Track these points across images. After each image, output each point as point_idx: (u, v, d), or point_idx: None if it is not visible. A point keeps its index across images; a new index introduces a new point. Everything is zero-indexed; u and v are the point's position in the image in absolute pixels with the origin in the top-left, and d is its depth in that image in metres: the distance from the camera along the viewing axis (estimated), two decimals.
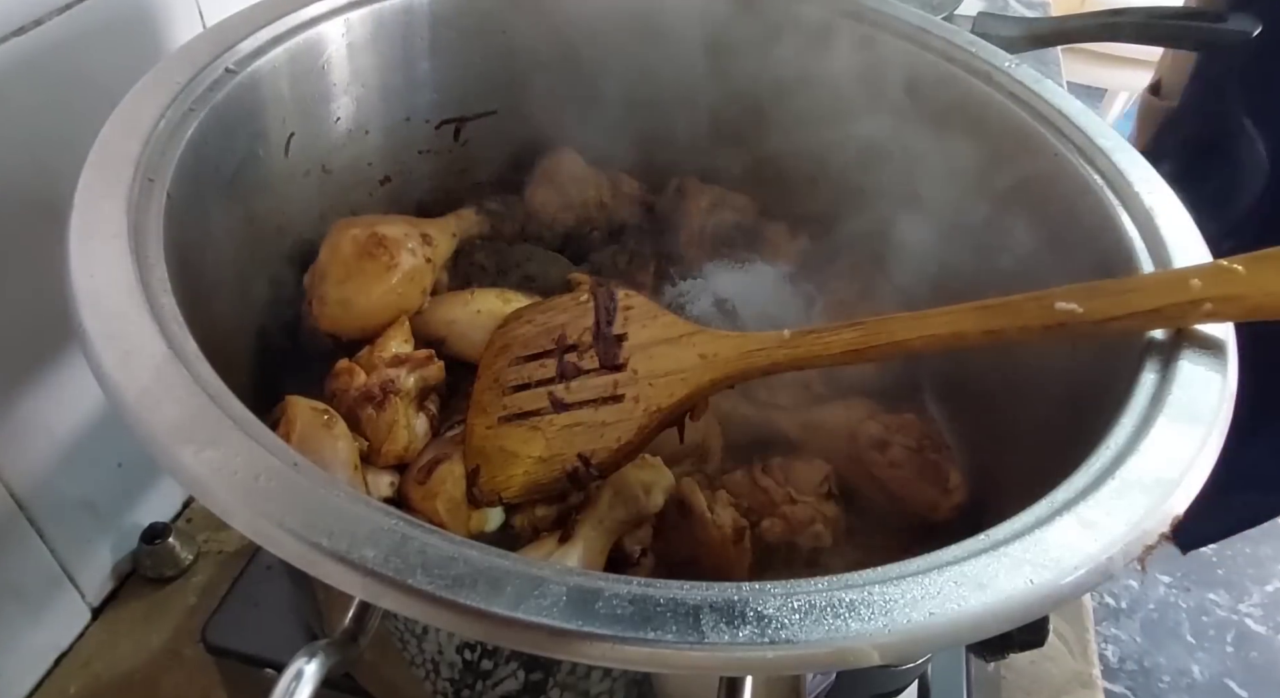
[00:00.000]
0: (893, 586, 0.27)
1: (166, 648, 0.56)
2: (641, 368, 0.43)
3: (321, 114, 0.52)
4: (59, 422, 0.53)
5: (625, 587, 0.26)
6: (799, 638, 0.25)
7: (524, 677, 0.36)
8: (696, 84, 0.61)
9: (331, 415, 0.43)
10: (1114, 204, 0.44)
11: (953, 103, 0.53)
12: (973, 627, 0.26)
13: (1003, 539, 0.29)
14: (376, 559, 0.25)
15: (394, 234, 0.49)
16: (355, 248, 0.48)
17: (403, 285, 0.49)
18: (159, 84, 0.41)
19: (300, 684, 0.27)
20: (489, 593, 0.25)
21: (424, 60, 0.56)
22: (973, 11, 0.90)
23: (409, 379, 0.46)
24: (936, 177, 0.53)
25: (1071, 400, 0.41)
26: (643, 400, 0.42)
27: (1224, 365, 0.35)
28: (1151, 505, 0.30)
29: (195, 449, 0.28)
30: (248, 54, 0.45)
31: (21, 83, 0.45)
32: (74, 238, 0.33)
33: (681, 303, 0.57)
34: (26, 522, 0.51)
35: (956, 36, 0.54)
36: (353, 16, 0.51)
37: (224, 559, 0.61)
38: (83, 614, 0.57)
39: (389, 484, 0.45)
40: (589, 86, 0.61)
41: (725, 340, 0.43)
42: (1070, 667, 0.59)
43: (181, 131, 0.40)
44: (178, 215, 0.37)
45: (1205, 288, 0.35)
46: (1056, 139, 0.48)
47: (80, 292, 0.32)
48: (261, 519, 0.26)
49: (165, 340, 0.31)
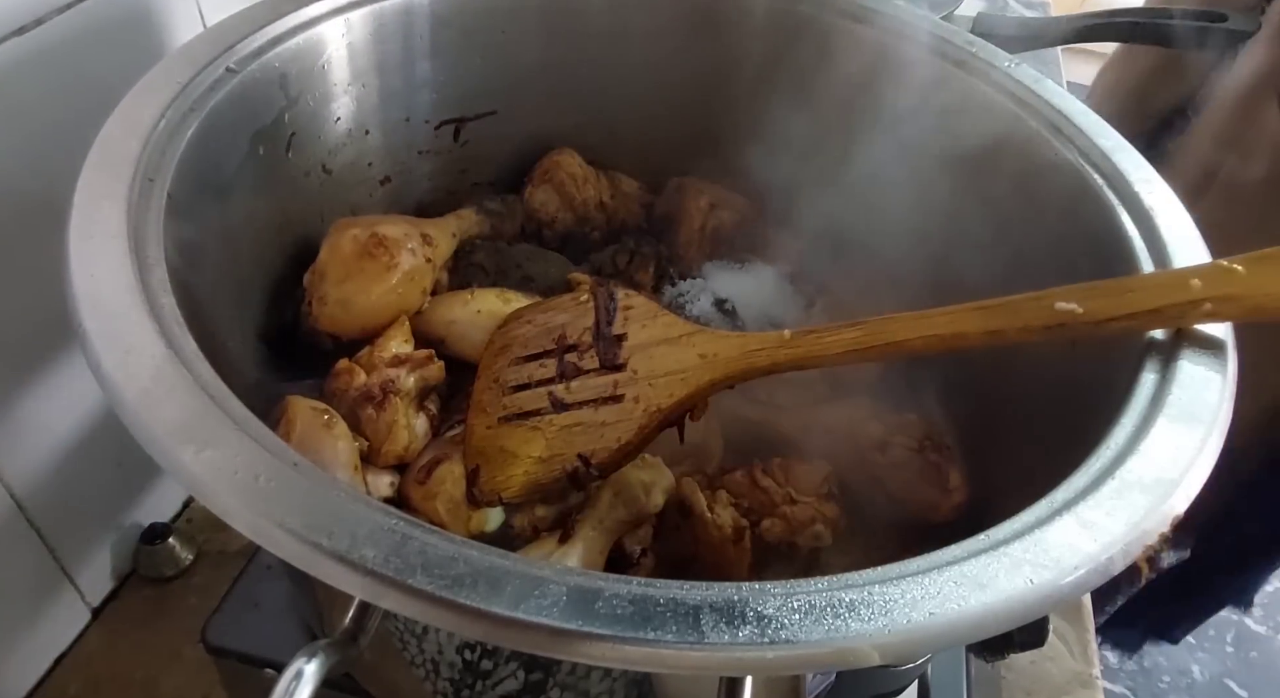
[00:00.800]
0: (893, 586, 0.27)
1: (166, 648, 0.56)
2: (641, 368, 0.43)
3: (321, 114, 0.52)
4: (59, 422, 0.53)
5: (625, 587, 0.26)
6: (799, 638, 0.25)
7: (524, 677, 0.36)
8: (696, 85, 0.61)
9: (331, 415, 0.43)
10: (1114, 204, 0.44)
11: (952, 103, 0.53)
12: (973, 627, 0.26)
13: (1003, 539, 0.29)
14: (376, 559, 0.25)
15: (394, 234, 0.49)
16: (355, 248, 0.48)
17: (403, 285, 0.49)
18: (159, 84, 0.41)
19: (300, 684, 0.27)
20: (489, 593, 0.25)
21: (424, 60, 0.56)
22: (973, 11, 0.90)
23: (409, 379, 0.46)
24: (936, 177, 0.53)
25: (1071, 400, 0.41)
26: (643, 400, 0.42)
27: (1224, 365, 0.35)
28: (1151, 506, 0.30)
29: (195, 449, 0.28)
30: (248, 54, 0.45)
31: (21, 83, 0.45)
32: (74, 238, 0.33)
33: (681, 303, 0.57)
34: (26, 522, 0.51)
35: (956, 36, 0.54)
36: (353, 16, 0.51)
37: (224, 559, 0.61)
38: (83, 614, 0.57)
39: (389, 484, 0.45)
40: (589, 86, 0.61)
41: (725, 340, 0.43)
42: (1070, 667, 0.59)
43: (181, 131, 0.40)
44: (178, 215, 0.37)
45: (1205, 288, 0.35)
46: (1056, 139, 0.48)
47: (80, 292, 0.32)
48: (261, 519, 0.26)
49: (165, 340, 0.31)
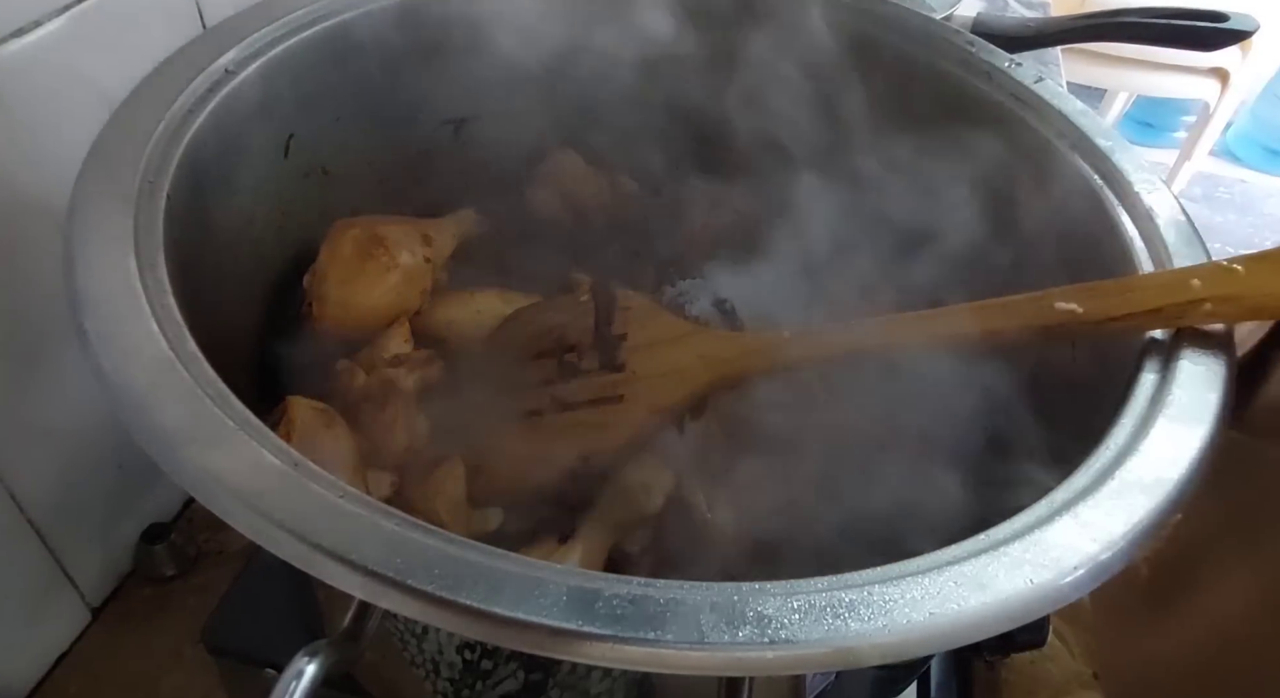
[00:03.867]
0: (893, 586, 0.27)
1: (166, 648, 0.56)
2: (641, 368, 0.43)
3: (321, 114, 0.52)
4: (59, 422, 0.53)
5: (625, 587, 0.26)
6: (799, 638, 0.25)
7: (524, 677, 0.36)
8: (696, 84, 0.61)
9: (331, 415, 0.43)
10: (1114, 204, 0.44)
11: (952, 103, 0.53)
12: (973, 627, 0.26)
13: (1003, 539, 0.29)
14: (376, 559, 0.25)
15: (394, 234, 0.49)
16: (355, 248, 0.48)
17: (403, 285, 0.49)
18: (159, 85, 0.41)
19: (300, 684, 0.27)
20: (489, 593, 0.25)
21: (424, 60, 0.56)
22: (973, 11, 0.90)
23: (409, 379, 0.46)
24: (935, 177, 0.53)
25: (1071, 400, 0.41)
26: (642, 401, 0.42)
27: (1224, 365, 0.35)
28: (1151, 506, 0.30)
29: (195, 450, 0.28)
30: (248, 54, 0.45)
31: (21, 83, 0.45)
32: (74, 238, 0.33)
33: (681, 303, 0.57)
34: (26, 523, 0.51)
35: (956, 37, 0.54)
36: (352, 17, 0.51)
37: (224, 559, 0.61)
38: (83, 614, 0.57)
39: (389, 484, 0.45)
40: (588, 87, 0.61)
41: (725, 340, 0.43)
42: (1070, 667, 0.59)
43: (181, 132, 0.40)
44: (178, 215, 0.37)
45: (1205, 288, 0.35)
46: (1056, 139, 0.48)
47: (80, 292, 0.32)
48: (261, 519, 0.26)
49: (165, 340, 0.31)
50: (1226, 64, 1.88)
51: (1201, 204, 2.58)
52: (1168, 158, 2.24)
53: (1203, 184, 2.63)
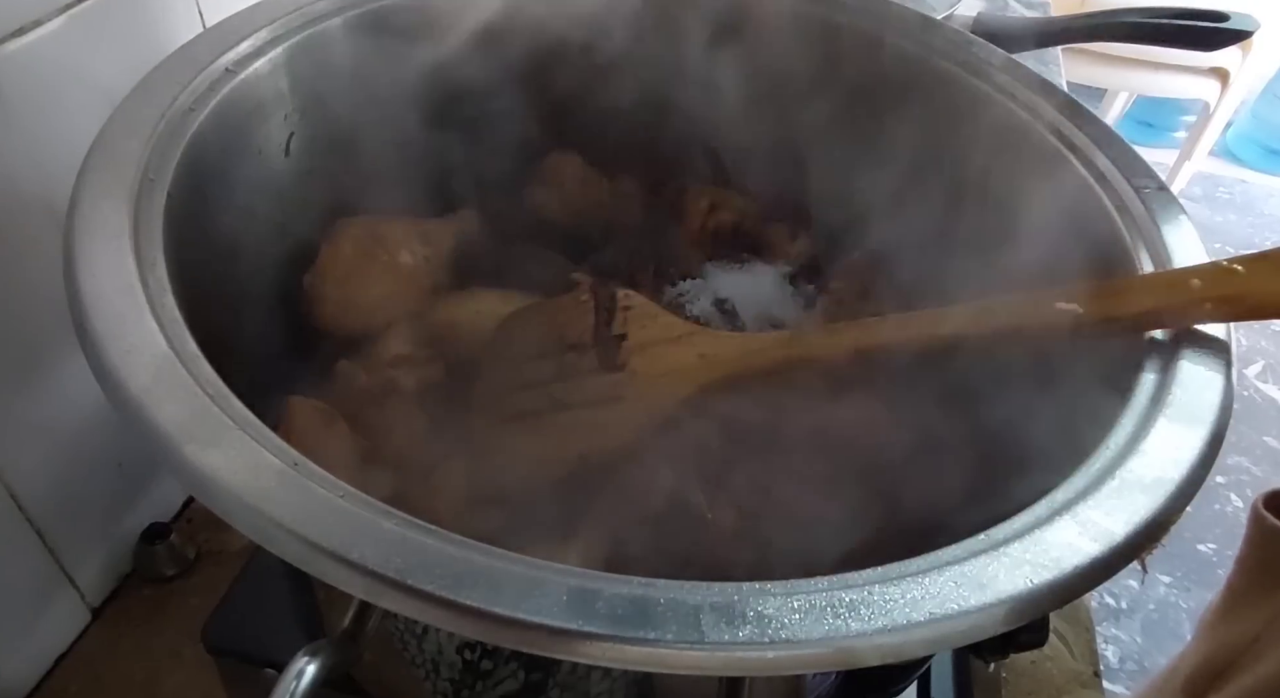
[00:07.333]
0: (893, 586, 0.27)
1: (166, 648, 0.56)
2: (641, 368, 0.43)
3: (321, 114, 0.52)
4: (59, 422, 0.53)
5: (625, 587, 0.26)
6: (799, 638, 0.25)
7: (524, 677, 0.36)
8: (696, 84, 0.61)
9: (332, 415, 0.43)
10: (1114, 204, 0.44)
11: (952, 103, 0.53)
12: (973, 627, 0.26)
13: (1003, 539, 0.29)
14: (376, 559, 0.25)
15: (394, 234, 0.49)
16: (355, 248, 0.48)
17: (403, 285, 0.49)
18: (159, 84, 0.41)
19: (300, 684, 0.27)
20: (489, 593, 0.25)
21: (424, 60, 0.56)
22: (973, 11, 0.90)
23: (409, 379, 0.46)
24: (935, 177, 0.53)
25: (1071, 400, 0.41)
26: (642, 401, 0.42)
27: (1224, 365, 0.35)
28: (1151, 506, 0.30)
29: (195, 449, 0.28)
30: (248, 54, 0.45)
31: (22, 82, 0.45)
32: (74, 238, 0.33)
33: (681, 303, 0.57)
34: (26, 522, 0.51)
35: (956, 36, 0.54)
36: (353, 16, 0.51)
37: (224, 559, 0.61)
38: (83, 614, 0.57)
39: (389, 484, 0.45)
40: (589, 87, 0.61)
41: (725, 340, 0.43)
42: (1070, 667, 0.59)
43: (181, 131, 0.40)
44: (178, 214, 0.37)
45: (1205, 288, 0.35)
46: (1057, 139, 0.48)
47: (80, 291, 0.32)
48: (261, 519, 0.26)
49: (165, 340, 0.31)
50: (1226, 64, 1.88)
51: (1201, 204, 2.59)
52: (1168, 158, 2.24)
53: (1203, 184, 2.64)
